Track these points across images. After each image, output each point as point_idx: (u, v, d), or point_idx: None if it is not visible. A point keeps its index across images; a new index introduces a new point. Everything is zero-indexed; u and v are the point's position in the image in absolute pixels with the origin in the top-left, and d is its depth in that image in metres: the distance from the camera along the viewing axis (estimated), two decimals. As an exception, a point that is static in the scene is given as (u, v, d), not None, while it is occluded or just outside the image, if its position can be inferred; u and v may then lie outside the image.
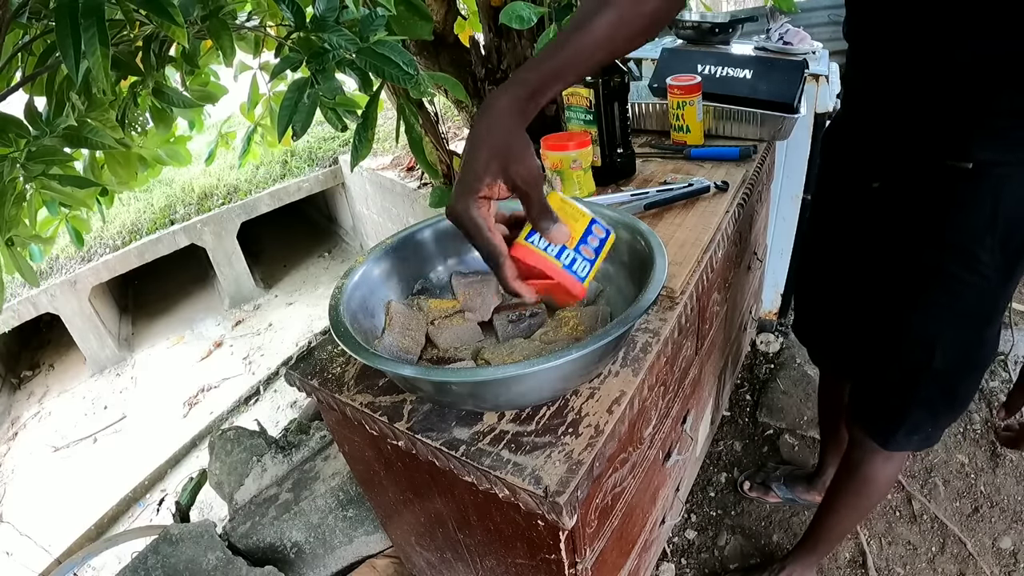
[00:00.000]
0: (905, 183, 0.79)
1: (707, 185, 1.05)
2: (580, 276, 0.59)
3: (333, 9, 0.94)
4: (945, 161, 0.72)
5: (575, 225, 0.60)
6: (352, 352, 0.60)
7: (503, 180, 0.56)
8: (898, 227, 0.83)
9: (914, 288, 0.84)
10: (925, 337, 0.85)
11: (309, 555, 1.31)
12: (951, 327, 0.83)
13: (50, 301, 3.94)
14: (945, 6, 0.63)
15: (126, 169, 1.44)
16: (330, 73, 0.99)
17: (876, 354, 0.95)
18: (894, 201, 0.82)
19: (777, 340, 1.99)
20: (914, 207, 0.79)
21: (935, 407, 0.92)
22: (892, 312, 0.89)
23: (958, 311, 0.81)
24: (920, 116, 0.73)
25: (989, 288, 0.78)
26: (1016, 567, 1.29)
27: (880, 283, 0.90)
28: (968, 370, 0.88)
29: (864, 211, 0.89)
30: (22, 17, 0.95)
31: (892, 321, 0.89)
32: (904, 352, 0.89)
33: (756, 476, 1.55)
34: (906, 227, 0.82)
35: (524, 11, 1.22)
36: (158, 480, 3.29)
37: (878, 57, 0.76)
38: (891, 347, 0.92)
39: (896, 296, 0.87)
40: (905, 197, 0.80)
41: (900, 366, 0.91)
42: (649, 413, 0.82)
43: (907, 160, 0.77)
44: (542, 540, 0.66)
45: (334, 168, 4.84)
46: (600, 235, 0.61)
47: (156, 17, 0.80)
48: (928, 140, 0.73)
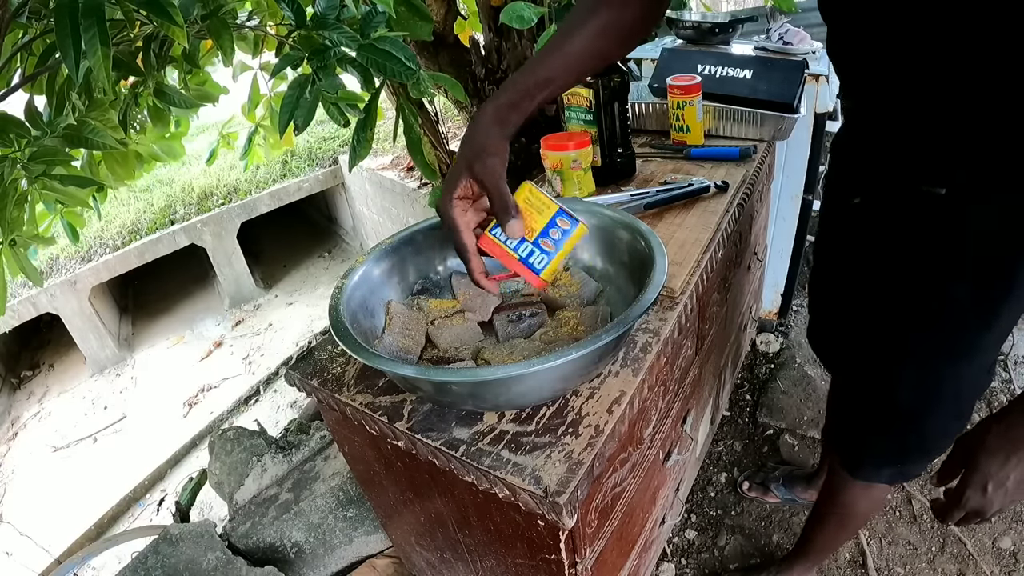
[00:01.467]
0: (881, 203, 0.76)
1: (707, 185, 1.05)
2: (535, 268, 0.61)
3: (333, 7, 0.94)
4: (920, 185, 0.67)
5: (538, 217, 0.62)
6: (352, 352, 0.60)
7: (471, 178, 0.61)
8: (872, 247, 0.79)
9: (882, 314, 0.80)
10: (889, 368, 0.81)
11: (309, 555, 1.31)
12: (915, 361, 0.78)
13: (50, 301, 3.94)
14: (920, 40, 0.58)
15: (123, 167, 1.45)
16: (331, 69, 0.99)
17: (851, 377, 0.91)
18: (870, 219, 0.78)
19: (777, 340, 1.99)
20: (887, 229, 0.75)
21: (903, 443, 0.86)
22: (864, 336, 0.84)
23: (924, 345, 0.76)
24: (898, 137, 0.69)
25: (961, 323, 0.72)
26: (1016, 567, 1.29)
27: (859, 301, 0.85)
28: (937, 409, 0.80)
29: (846, 225, 0.85)
30: (22, 17, 0.95)
31: (864, 345, 0.85)
32: (869, 381, 0.85)
33: (755, 476, 1.56)
34: (879, 248, 0.78)
35: (524, 11, 1.22)
36: (158, 480, 3.29)
37: (857, 78, 0.72)
38: (860, 373, 0.88)
39: (868, 319, 0.83)
40: (880, 217, 0.76)
41: (866, 395, 0.87)
42: (649, 413, 0.82)
43: (884, 179, 0.73)
44: (542, 540, 0.66)
45: (334, 168, 4.84)
46: (564, 227, 0.62)
47: (156, 17, 0.80)
48: (905, 162, 0.69)
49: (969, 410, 0.83)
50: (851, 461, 0.94)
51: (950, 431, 0.83)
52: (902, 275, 0.75)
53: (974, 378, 0.79)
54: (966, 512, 0.66)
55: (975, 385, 0.80)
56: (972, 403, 0.83)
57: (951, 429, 0.83)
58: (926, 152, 0.65)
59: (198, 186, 4.67)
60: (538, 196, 0.63)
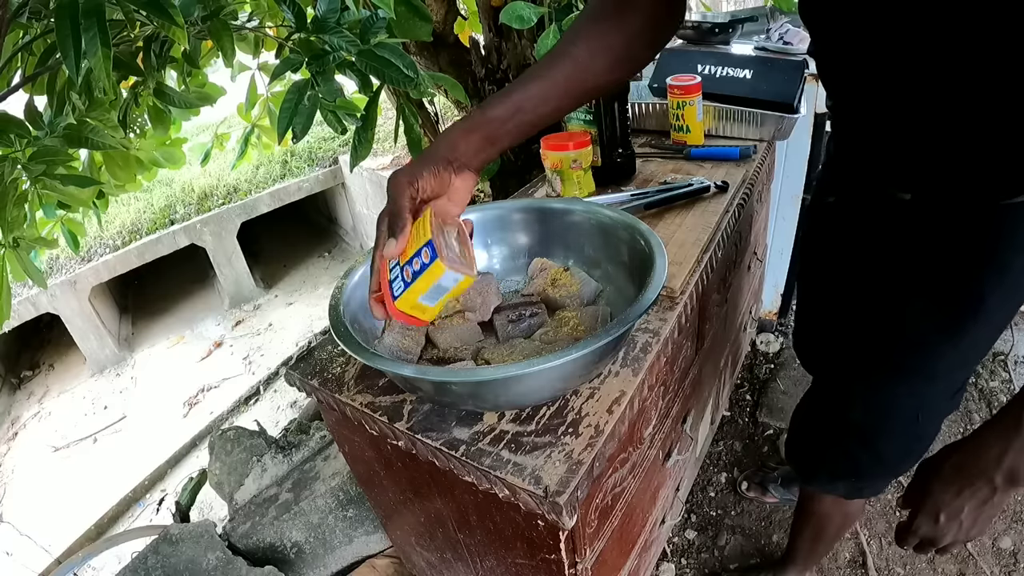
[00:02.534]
0: (852, 203, 0.74)
1: (707, 185, 1.05)
2: (393, 294, 0.56)
3: (334, 10, 0.94)
4: (887, 188, 0.66)
5: (413, 243, 0.57)
6: (352, 352, 0.60)
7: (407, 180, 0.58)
8: (840, 250, 0.78)
9: (844, 322, 0.77)
10: (844, 381, 0.79)
11: (309, 555, 1.31)
12: (869, 377, 0.75)
13: (50, 301, 3.94)
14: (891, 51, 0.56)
15: (125, 170, 1.45)
16: (330, 75, 0.99)
17: (815, 385, 0.89)
18: (841, 220, 0.77)
19: (777, 340, 1.99)
20: (854, 231, 0.74)
21: (857, 461, 0.83)
22: (830, 344, 0.82)
23: (880, 360, 0.73)
24: (871, 139, 0.67)
25: (920, 340, 0.68)
26: (1016, 567, 1.29)
27: (827, 305, 0.83)
28: (890, 429, 0.77)
29: (821, 224, 0.84)
30: (22, 17, 0.95)
31: (829, 354, 0.83)
32: (827, 392, 0.84)
33: (754, 477, 1.56)
34: (846, 251, 0.76)
35: (524, 11, 1.22)
36: (158, 480, 3.29)
37: (835, 80, 0.69)
38: (822, 382, 0.86)
39: (833, 326, 0.81)
40: (849, 218, 0.75)
41: (823, 406, 0.85)
42: (649, 413, 0.82)
43: (856, 180, 0.72)
44: (542, 540, 0.66)
45: (334, 168, 4.84)
46: (424, 260, 0.55)
47: (157, 18, 0.80)
48: (875, 164, 0.68)
49: (933, 432, 0.79)
50: (806, 471, 0.92)
51: (912, 451, 0.80)
52: (865, 283, 0.73)
53: (935, 401, 0.75)
54: (920, 539, 0.64)
55: (937, 409, 0.76)
56: (935, 425, 0.79)
57: (913, 449, 0.80)
58: (895, 156, 0.64)
59: (198, 186, 4.67)
60: (426, 223, 0.57)
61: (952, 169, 0.58)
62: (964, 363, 0.72)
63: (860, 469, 0.84)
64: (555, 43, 0.68)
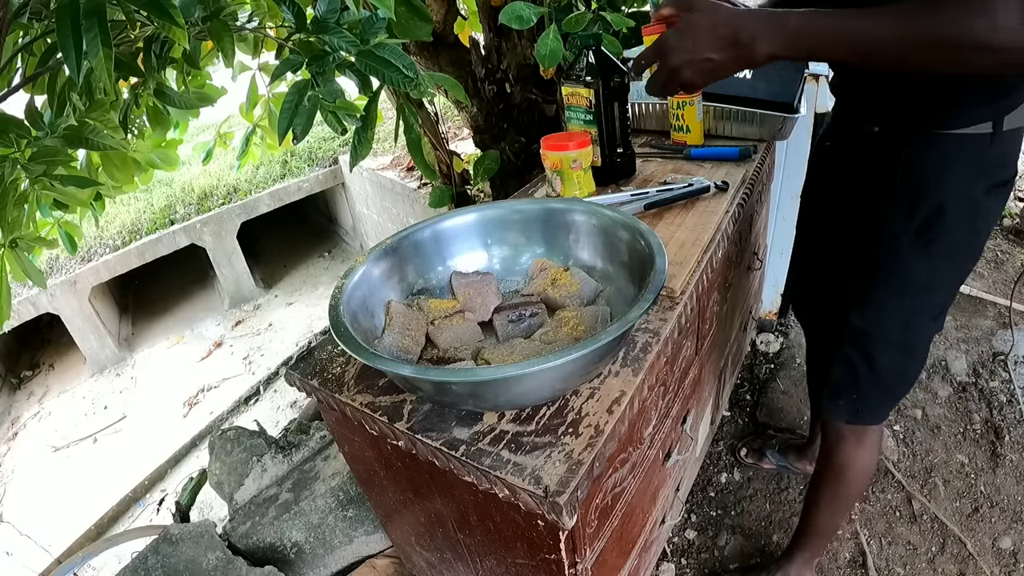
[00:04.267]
0: (841, 141, 0.93)
1: (707, 185, 1.05)
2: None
3: (334, 11, 0.94)
4: (863, 124, 0.85)
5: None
6: (352, 352, 0.60)
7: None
8: (832, 184, 0.95)
9: (837, 243, 0.93)
10: (842, 291, 0.91)
11: (309, 555, 1.32)
12: (860, 291, 0.88)
13: (50, 301, 3.94)
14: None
15: (123, 171, 1.45)
16: (330, 75, 0.99)
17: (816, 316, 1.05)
18: (833, 159, 0.95)
19: (777, 340, 1.99)
20: (842, 165, 0.92)
21: (855, 371, 0.93)
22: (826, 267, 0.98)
23: (869, 273, 0.86)
24: (853, 92, 0.87)
25: (899, 254, 0.82)
26: (1016, 567, 1.29)
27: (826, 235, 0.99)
28: (883, 336, 0.88)
29: (819, 167, 1.03)
30: (23, 17, 0.95)
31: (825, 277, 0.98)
32: (829, 306, 0.96)
33: (753, 443, 1.61)
34: (836, 184, 0.94)
35: (524, 11, 1.22)
36: (158, 480, 3.29)
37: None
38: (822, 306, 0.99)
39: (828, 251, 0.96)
40: (839, 156, 0.93)
41: (827, 320, 0.97)
42: (649, 413, 0.82)
43: (844, 122, 0.92)
44: (542, 540, 0.66)
45: (334, 168, 4.84)
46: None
47: (157, 18, 0.80)
48: (855, 108, 0.87)
49: (920, 350, 0.91)
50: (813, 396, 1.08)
51: (902, 370, 0.93)
52: (852, 207, 0.88)
53: (920, 316, 0.86)
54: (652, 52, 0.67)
55: (923, 324, 0.88)
56: (922, 342, 0.91)
57: (902, 367, 0.92)
58: (867, 100, 0.84)
59: (198, 186, 4.67)
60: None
61: (898, 108, 0.79)
62: (940, 286, 0.85)
63: (858, 380, 0.94)
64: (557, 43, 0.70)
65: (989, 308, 2.03)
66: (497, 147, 1.89)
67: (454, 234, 0.87)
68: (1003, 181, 0.77)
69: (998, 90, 0.71)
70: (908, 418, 1.67)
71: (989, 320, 1.98)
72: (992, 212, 0.80)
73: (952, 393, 1.72)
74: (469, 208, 0.88)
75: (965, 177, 0.75)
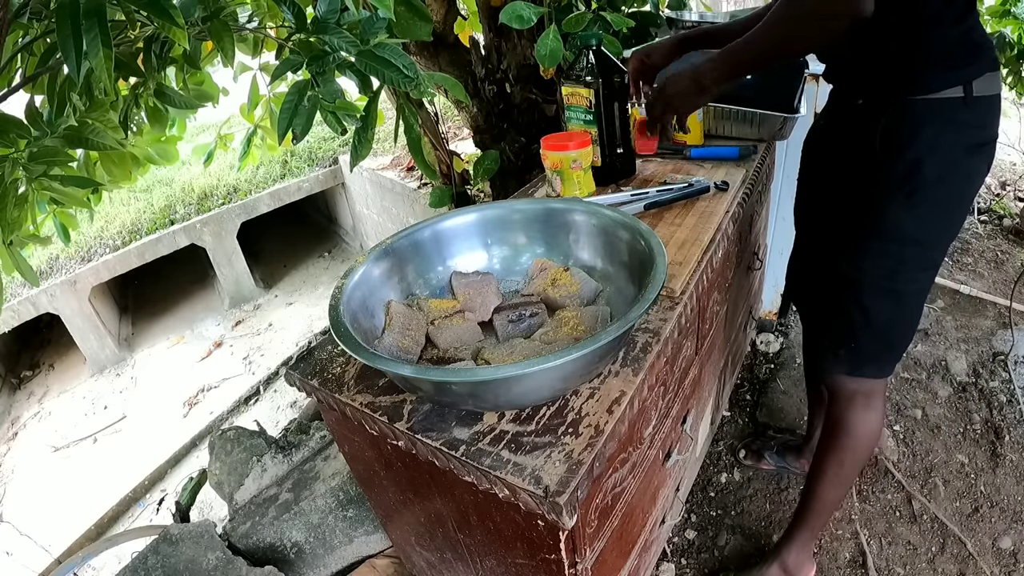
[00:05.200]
0: (832, 117, 1.01)
1: (707, 185, 1.05)
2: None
3: (334, 11, 0.94)
4: (849, 98, 0.95)
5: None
6: (352, 352, 0.60)
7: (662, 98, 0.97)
8: (824, 159, 1.05)
9: (828, 203, 1.02)
10: (834, 243, 0.98)
11: (309, 555, 1.32)
12: (848, 241, 0.95)
13: (50, 301, 3.94)
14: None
15: (120, 168, 1.45)
16: (330, 76, 0.99)
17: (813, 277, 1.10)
18: (825, 136, 1.04)
19: (777, 340, 1.99)
20: (833, 140, 1.00)
21: (850, 318, 0.98)
22: (823, 244, 1.04)
23: (855, 226, 0.93)
24: (842, 72, 0.95)
25: (880, 204, 0.89)
26: (1016, 567, 1.29)
27: (821, 212, 1.07)
28: (873, 284, 0.94)
29: (814, 145, 1.10)
30: (23, 17, 0.95)
31: (821, 238, 1.05)
32: (824, 259, 1.01)
33: (752, 444, 1.61)
34: (828, 158, 1.03)
35: (524, 11, 1.23)
36: (158, 480, 3.29)
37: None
38: (820, 280, 1.04)
39: (823, 228, 1.04)
40: (831, 132, 1.02)
41: (824, 273, 1.02)
42: (649, 413, 0.82)
43: (834, 100, 1.01)
44: (542, 540, 0.66)
45: (334, 168, 4.84)
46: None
47: (157, 18, 0.80)
48: (844, 86, 0.97)
49: (912, 299, 0.96)
50: (812, 353, 1.12)
51: (894, 319, 0.97)
52: (841, 173, 0.97)
53: (908, 266, 0.91)
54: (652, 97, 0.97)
55: (912, 275, 0.93)
56: (913, 292, 0.95)
57: (894, 316, 0.97)
58: (851, 77, 0.94)
59: (198, 186, 4.67)
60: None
61: (877, 79, 0.87)
62: (926, 238, 0.90)
63: (855, 329, 0.98)
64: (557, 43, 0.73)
65: (989, 308, 2.03)
66: (497, 147, 1.89)
67: (454, 234, 0.87)
68: (981, 142, 0.84)
69: (962, 55, 0.80)
70: (908, 418, 1.67)
71: (989, 320, 1.98)
72: (972, 172, 0.86)
73: (952, 393, 1.72)
74: (469, 208, 0.88)
75: (940, 135, 0.82)
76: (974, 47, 0.80)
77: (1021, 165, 2.96)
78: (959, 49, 0.80)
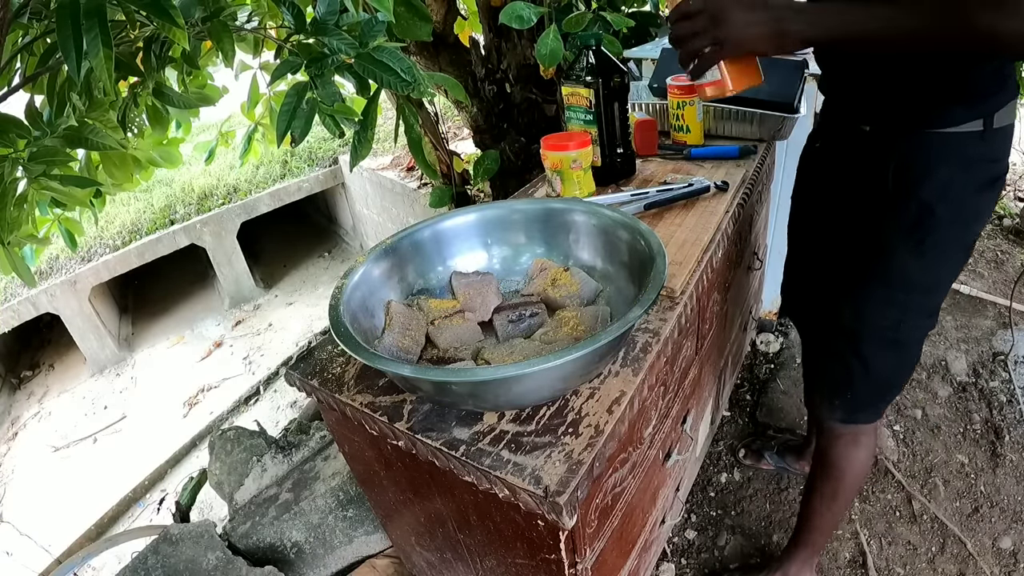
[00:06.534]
0: (832, 142, 0.93)
1: (707, 185, 1.05)
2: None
3: (333, 12, 0.94)
4: (854, 124, 0.85)
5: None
6: (352, 352, 0.60)
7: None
8: (823, 185, 0.96)
9: (829, 244, 0.93)
10: (834, 291, 0.91)
11: (309, 555, 1.32)
12: (850, 287, 0.88)
13: (50, 301, 3.94)
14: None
15: (122, 170, 1.45)
16: (329, 78, 0.99)
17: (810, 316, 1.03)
18: (824, 160, 0.96)
19: (777, 340, 1.99)
20: (833, 166, 0.92)
21: (849, 370, 0.93)
22: (818, 267, 0.98)
23: (858, 270, 0.86)
24: (844, 92, 0.87)
25: (887, 248, 0.82)
26: (1016, 567, 1.29)
27: (818, 237, 0.99)
28: (877, 335, 0.88)
29: (810, 168, 1.02)
30: (23, 17, 0.95)
31: (817, 276, 0.98)
32: (822, 307, 0.95)
33: (752, 445, 1.61)
34: (827, 184, 0.93)
35: (524, 11, 1.23)
36: (158, 480, 3.29)
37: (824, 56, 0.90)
38: (814, 304, 0.99)
39: (820, 253, 0.96)
40: (830, 156, 0.93)
41: (820, 318, 0.97)
42: (649, 413, 0.82)
43: (835, 123, 0.92)
44: (542, 540, 0.66)
45: (334, 168, 4.84)
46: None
47: (157, 18, 0.80)
48: (847, 109, 0.87)
49: (914, 347, 0.90)
50: (808, 391, 1.05)
51: (895, 367, 0.92)
52: (842, 206, 0.88)
53: (913, 313, 0.86)
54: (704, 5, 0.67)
55: (916, 322, 0.87)
56: (916, 339, 0.90)
57: (896, 364, 0.91)
58: (859, 99, 0.84)
59: (198, 186, 4.67)
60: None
61: (890, 106, 0.79)
62: (934, 284, 0.85)
63: (852, 379, 0.93)
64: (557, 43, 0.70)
65: (989, 308, 2.03)
66: (497, 147, 1.89)
67: (454, 234, 0.87)
68: (994, 177, 0.78)
69: (990, 87, 0.72)
70: (908, 418, 1.67)
71: (989, 320, 1.98)
72: (983, 209, 0.80)
73: (952, 393, 1.72)
74: (469, 208, 0.88)
75: (955, 176, 0.75)
76: (1002, 79, 0.73)
77: (1021, 165, 2.95)
78: (988, 82, 0.72)
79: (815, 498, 1.12)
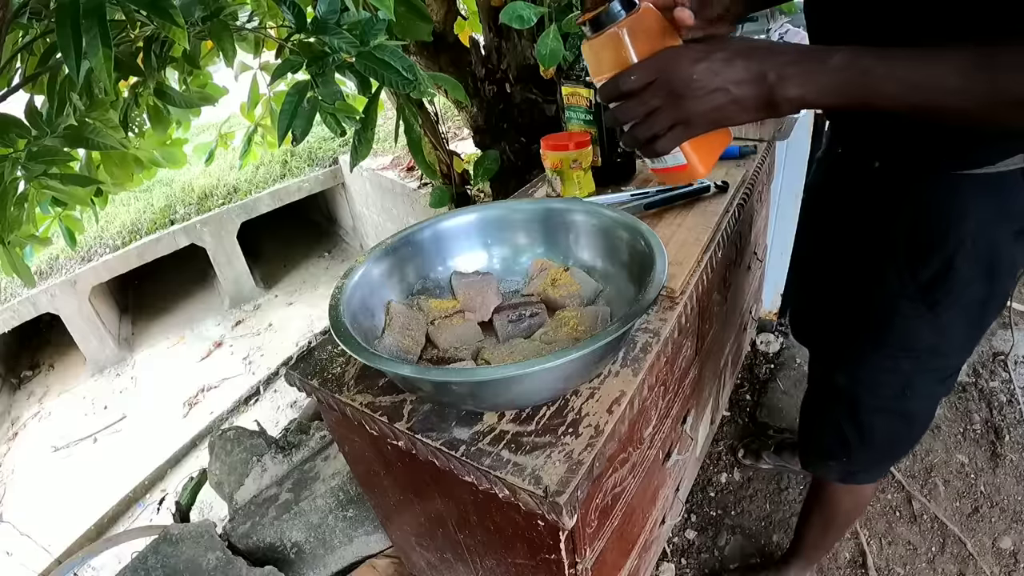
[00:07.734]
0: (838, 177, 0.80)
1: (707, 185, 1.05)
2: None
3: (334, 12, 0.94)
4: (863, 159, 0.72)
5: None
6: (352, 352, 0.60)
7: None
8: (828, 222, 0.83)
9: (829, 295, 0.81)
10: (830, 351, 0.81)
11: (309, 555, 1.32)
12: (850, 346, 0.77)
13: (50, 301, 3.94)
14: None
15: (122, 169, 1.45)
16: (330, 77, 0.99)
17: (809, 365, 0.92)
18: (829, 195, 0.83)
19: (777, 340, 1.99)
20: (839, 203, 0.79)
21: (845, 436, 0.83)
22: (820, 316, 0.86)
23: (860, 332, 0.74)
24: (849, 122, 0.74)
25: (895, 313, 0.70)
26: (1016, 567, 1.29)
27: (821, 274, 0.89)
28: (875, 402, 0.77)
29: (814, 204, 0.92)
30: (23, 17, 0.95)
31: (820, 326, 0.86)
32: (815, 362, 0.85)
33: (750, 444, 1.61)
34: (832, 223, 0.81)
35: (524, 11, 1.22)
36: (158, 480, 3.29)
37: None
38: (813, 356, 0.90)
39: (822, 298, 0.85)
40: (836, 192, 0.81)
41: (813, 377, 0.87)
42: (649, 413, 0.82)
43: (839, 157, 0.80)
44: (542, 540, 0.66)
45: (334, 168, 4.84)
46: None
47: (157, 18, 0.80)
48: (855, 140, 0.74)
49: (923, 414, 0.79)
50: (802, 449, 0.96)
51: (899, 433, 0.80)
52: (847, 254, 0.77)
53: (922, 381, 0.74)
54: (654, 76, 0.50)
55: (926, 391, 0.75)
56: (925, 407, 0.78)
57: (900, 431, 0.79)
58: (867, 130, 0.71)
59: (198, 186, 4.67)
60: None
61: (907, 139, 0.65)
62: (950, 348, 0.72)
63: (848, 446, 0.84)
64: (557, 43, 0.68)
65: (989, 308, 2.03)
66: (497, 147, 1.89)
67: (454, 234, 0.87)
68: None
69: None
70: (908, 418, 1.67)
71: (989, 320, 1.98)
72: (1018, 260, 0.65)
73: (952, 393, 1.72)
74: (469, 208, 0.88)
75: (987, 226, 0.61)
76: None
77: None
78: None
79: (812, 523, 1.10)
